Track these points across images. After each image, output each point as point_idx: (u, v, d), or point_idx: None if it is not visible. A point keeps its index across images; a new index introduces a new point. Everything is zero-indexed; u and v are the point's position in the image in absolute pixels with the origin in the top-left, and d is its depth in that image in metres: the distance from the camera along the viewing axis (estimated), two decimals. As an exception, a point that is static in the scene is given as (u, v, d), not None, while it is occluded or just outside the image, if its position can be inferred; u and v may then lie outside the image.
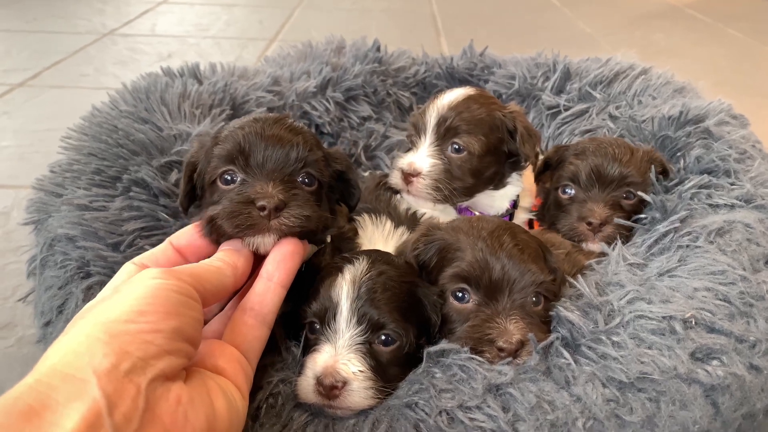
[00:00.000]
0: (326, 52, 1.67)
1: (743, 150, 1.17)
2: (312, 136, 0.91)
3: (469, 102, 1.18)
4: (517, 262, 0.85)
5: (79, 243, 0.98)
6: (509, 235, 0.88)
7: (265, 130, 0.84)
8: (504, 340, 0.80)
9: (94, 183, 1.05)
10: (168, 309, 0.61)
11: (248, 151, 0.82)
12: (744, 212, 1.04)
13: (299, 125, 0.90)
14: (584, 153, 1.19)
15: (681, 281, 0.90)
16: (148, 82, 1.35)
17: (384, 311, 0.81)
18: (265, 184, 0.80)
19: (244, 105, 1.46)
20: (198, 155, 0.90)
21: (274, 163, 0.82)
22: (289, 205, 0.79)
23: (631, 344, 0.79)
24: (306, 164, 0.84)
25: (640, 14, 4.05)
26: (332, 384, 0.76)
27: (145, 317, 0.59)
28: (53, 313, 0.97)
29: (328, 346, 0.80)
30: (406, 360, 0.83)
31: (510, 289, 0.84)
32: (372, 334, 0.80)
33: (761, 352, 0.83)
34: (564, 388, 0.76)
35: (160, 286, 0.63)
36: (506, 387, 0.75)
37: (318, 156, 0.86)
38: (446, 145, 1.17)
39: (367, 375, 0.78)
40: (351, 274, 0.83)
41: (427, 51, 1.87)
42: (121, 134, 1.14)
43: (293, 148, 0.83)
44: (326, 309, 0.81)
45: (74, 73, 2.68)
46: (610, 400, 0.75)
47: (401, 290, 0.84)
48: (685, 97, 1.39)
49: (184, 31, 3.36)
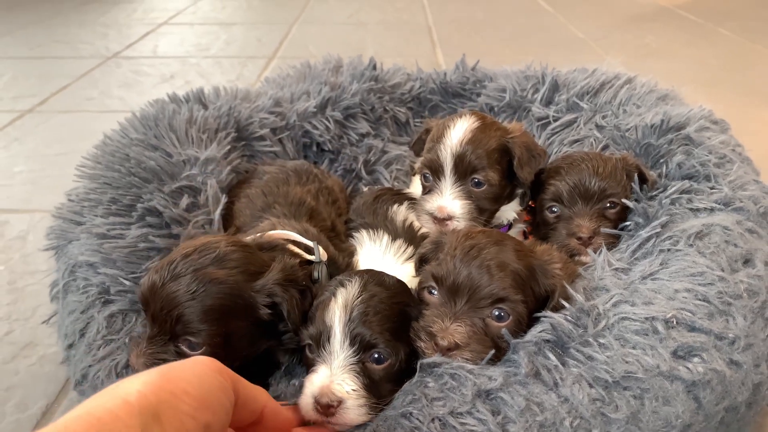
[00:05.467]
0: (324, 72, 1.74)
1: (723, 154, 1.21)
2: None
3: (478, 134, 1.20)
4: (485, 275, 0.89)
5: (99, 270, 1.04)
6: (494, 251, 0.91)
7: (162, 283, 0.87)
8: (441, 336, 0.86)
9: (111, 212, 1.12)
10: (209, 403, 0.62)
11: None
12: (722, 215, 1.08)
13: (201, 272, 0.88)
14: (560, 173, 1.23)
15: (663, 283, 0.94)
16: (156, 109, 1.42)
17: (375, 332, 0.86)
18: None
19: (248, 126, 1.52)
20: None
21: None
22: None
23: (616, 345, 0.83)
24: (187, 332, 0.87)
25: (631, 16, 4.09)
26: (328, 403, 0.82)
27: (189, 398, 0.60)
28: (76, 336, 1.03)
29: (323, 366, 0.86)
30: (398, 376, 0.88)
31: (469, 296, 0.89)
32: (364, 353, 0.86)
33: (740, 348, 0.87)
34: (552, 390, 0.80)
35: (211, 374, 0.65)
36: (496, 392, 0.79)
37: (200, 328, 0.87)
38: (467, 181, 1.19)
39: (360, 393, 0.83)
40: (343, 298, 0.88)
41: (423, 61, 1.93)
42: (133, 162, 1.21)
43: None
44: (321, 332, 0.87)
45: (80, 97, 2.76)
46: (596, 399, 0.79)
47: (391, 311, 0.89)
48: (668, 104, 1.44)
49: (185, 51, 3.43)
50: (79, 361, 1.00)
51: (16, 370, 1.25)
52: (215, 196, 1.23)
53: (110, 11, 4.34)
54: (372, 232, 1.22)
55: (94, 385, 0.96)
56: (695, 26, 3.83)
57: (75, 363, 1.02)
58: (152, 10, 4.43)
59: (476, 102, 1.78)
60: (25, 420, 1.14)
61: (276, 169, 1.38)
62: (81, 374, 0.99)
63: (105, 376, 0.95)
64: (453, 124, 1.22)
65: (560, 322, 0.86)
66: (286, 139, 1.58)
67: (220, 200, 1.23)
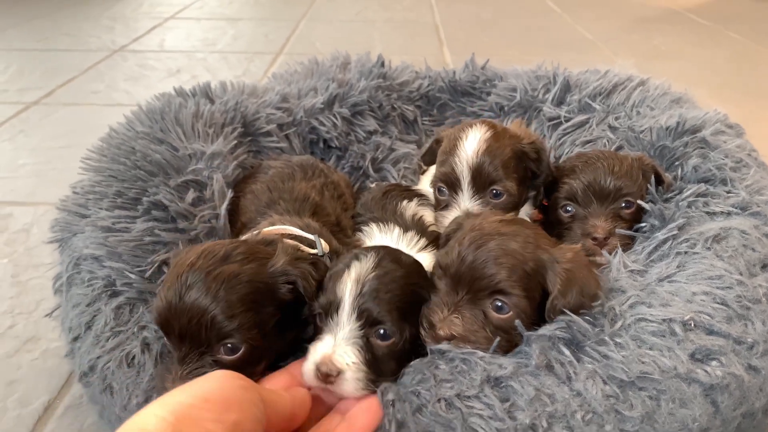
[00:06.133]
0: (332, 68, 1.72)
1: (739, 159, 1.20)
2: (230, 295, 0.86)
3: (493, 143, 1.18)
4: (486, 265, 0.87)
5: (105, 263, 1.03)
6: (500, 241, 0.89)
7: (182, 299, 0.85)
8: (439, 327, 0.87)
9: (116, 205, 1.10)
10: (233, 402, 0.64)
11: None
12: (740, 219, 1.07)
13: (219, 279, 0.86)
14: (574, 171, 1.21)
15: (680, 286, 0.93)
16: (162, 103, 1.40)
17: (383, 309, 0.86)
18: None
19: (255, 122, 1.50)
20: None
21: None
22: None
23: (633, 345, 0.83)
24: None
25: (639, 18, 4.08)
26: (327, 372, 0.83)
27: (210, 405, 0.62)
28: (81, 329, 1.01)
29: (329, 336, 0.87)
30: (401, 355, 0.89)
31: (470, 286, 0.88)
32: (369, 328, 0.86)
33: (759, 353, 0.87)
34: (565, 383, 0.80)
35: (230, 381, 0.67)
36: (506, 380, 0.80)
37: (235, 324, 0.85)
38: (486, 194, 1.18)
39: (360, 367, 0.84)
40: (356, 271, 0.89)
41: (430, 59, 1.92)
42: (139, 155, 1.19)
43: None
44: (330, 302, 0.88)
45: (86, 90, 2.75)
46: (609, 396, 0.78)
47: (403, 291, 0.89)
48: (682, 107, 1.42)
49: (192, 46, 3.42)
50: (86, 353, 0.99)
51: (18, 365, 1.24)
52: (221, 190, 1.21)
53: (117, 5, 4.33)
54: (382, 225, 1.21)
55: (104, 375, 0.95)
56: (703, 29, 3.81)
57: (81, 355, 1.01)
58: (159, 4, 4.42)
59: (486, 101, 1.76)
60: (26, 415, 1.13)
61: (281, 164, 1.36)
62: (88, 366, 0.98)
63: (116, 367, 0.94)
64: (465, 135, 1.20)
65: (576, 320, 0.85)
66: (293, 135, 1.56)
67: (226, 195, 1.21)
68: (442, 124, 1.81)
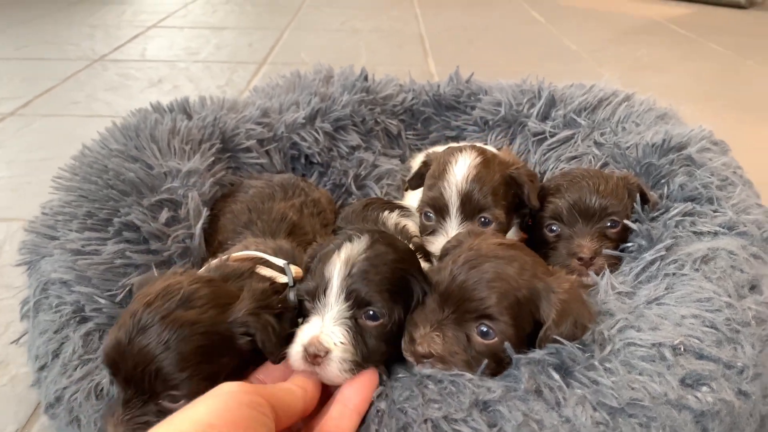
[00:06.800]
0: (314, 82, 1.69)
1: (725, 177, 1.20)
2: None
3: (482, 170, 1.17)
4: (476, 288, 0.85)
5: (73, 288, 1.00)
6: (494, 265, 0.87)
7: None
8: (419, 342, 0.85)
9: (86, 226, 1.07)
10: (237, 423, 0.62)
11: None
12: (727, 239, 1.06)
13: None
14: (559, 190, 1.20)
15: (669, 309, 0.92)
16: (138, 119, 1.37)
17: (372, 290, 0.85)
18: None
19: (234, 138, 1.47)
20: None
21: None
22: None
23: (623, 371, 0.81)
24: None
25: (623, 29, 4.10)
26: (315, 353, 0.81)
27: (213, 430, 0.60)
28: (48, 357, 0.98)
29: (316, 318, 0.85)
30: (390, 337, 0.87)
31: (457, 306, 0.86)
32: (358, 309, 0.85)
33: (749, 378, 0.86)
34: (554, 409, 0.78)
35: (234, 399, 0.66)
36: (495, 404, 0.78)
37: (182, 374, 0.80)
38: (474, 221, 1.16)
39: (347, 348, 0.83)
40: (347, 253, 0.87)
41: (415, 69, 1.90)
42: (112, 174, 1.16)
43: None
44: (318, 285, 0.86)
45: (65, 100, 2.69)
46: (599, 423, 0.77)
47: (393, 274, 0.88)
48: (667, 123, 1.42)
49: (174, 55, 3.37)
50: (53, 383, 0.95)
51: (-16, 392, 1.19)
52: (196, 209, 1.18)
53: (98, 12, 4.28)
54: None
55: (70, 407, 0.92)
56: (687, 41, 3.84)
57: (47, 385, 0.97)
58: (142, 12, 4.37)
59: (470, 115, 1.75)
60: (-9, 446, 1.08)
61: (262, 183, 1.33)
62: (54, 397, 0.94)
63: (83, 398, 0.91)
64: (455, 159, 1.19)
65: (565, 344, 0.83)
66: (274, 150, 1.53)
67: (201, 214, 1.18)
68: (426, 138, 1.80)
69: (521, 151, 1.61)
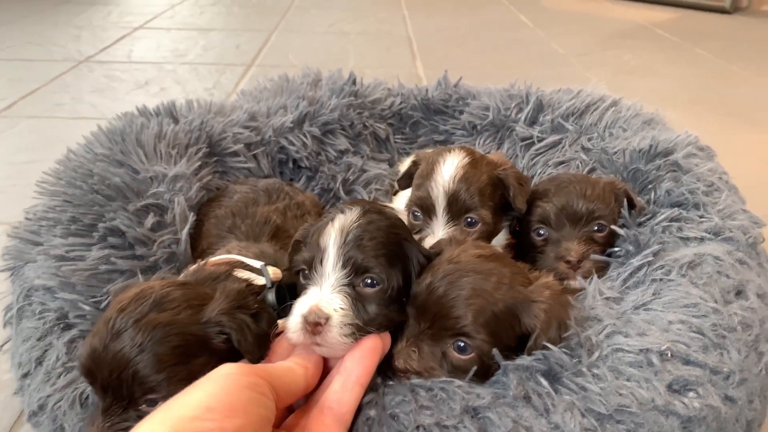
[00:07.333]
0: (302, 85, 1.68)
1: (711, 182, 1.20)
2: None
3: (470, 170, 1.16)
4: (453, 304, 0.84)
5: (57, 294, 0.98)
6: (472, 280, 0.86)
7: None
8: (396, 357, 0.85)
9: (70, 232, 1.05)
10: (235, 406, 0.62)
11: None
12: (713, 245, 1.07)
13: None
14: (547, 194, 1.21)
15: (656, 314, 0.93)
16: (124, 123, 1.35)
17: (369, 256, 0.85)
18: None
19: (221, 142, 1.46)
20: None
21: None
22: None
23: (611, 376, 0.81)
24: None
25: (610, 34, 4.13)
26: (315, 321, 0.80)
27: (211, 414, 0.60)
28: (32, 364, 0.96)
29: (314, 288, 0.85)
30: (390, 303, 0.87)
31: (433, 321, 0.85)
32: (356, 277, 0.85)
33: (735, 383, 0.86)
34: (543, 416, 0.78)
35: (233, 381, 0.65)
36: (484, 410, 0.77)
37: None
38: (460, 221, 1.16)
39: (347, 312, 0.82)
40: (340, 222, 0.87)
41: (403, 72, 1.90)
42: (97, 179, 1.14)
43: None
44: (314, 255, 0.86)
45: (50, 102, 2.66)
46: (588, 429, 0.77)
47: (388, 239, 0.88)
48: (654, 129, 1.42)
49: (161, 57, 3.35)
50: (36, 390, 0.94)
51: (-34, 400, 1.17)
52: (183, 214, 1.16)
53: (84, 13, 4.24)
54: None
55: (54, 416, 0.90)
56: (673, 45, 3.88)
57: (30, 393, 0.96)
58: (128, 13, 4.34)
59: (459, 120, 1.75)
60: (-28, 455, 1.06)
61: (247, 188, 1.32)
62: (38, 405, 0.93)
63: (68, 407, 0.89)
64: (443, 159, 1.19)
65: (553, 350, 0.83)
66: (261, 155, 1.52)
67: (187, 219, 1.17)
68: (414, 142, 1.79)
69: (509, 156, 1.61)
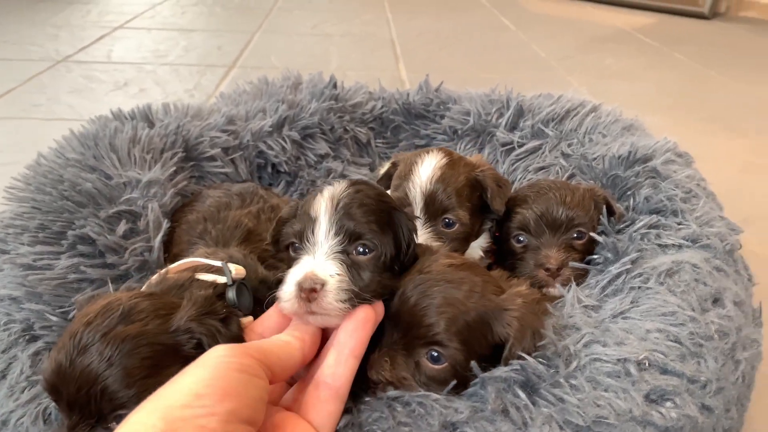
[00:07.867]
0: (282, 89, 1.66)
1: (689, 189, 1.21)
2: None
3: (448, 171, 1.16)
4: (425, 313, 0.84)
5: (23, 304, 0.96)
6: (443, 289, 0.85)
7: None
8: (369, 366, 0.84)
9: (38, 240, 1.03)
10: (226, 390, 0.61)
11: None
12: (691, 252, 1.07)
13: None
14: (527, 201, 1.20)
15: (634, 323, 0.92)
16: (97, 127, 1.32)
17: (361, 222, 0.85)
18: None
19: (197, 146, 1.43)
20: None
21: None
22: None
23: (588, 387, 0.81)
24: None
25: (591, 38, 4.16)
26: (311, 287, 0.79)
27: (202, 400, 0.59)
28: (-6, 378, 0.93)
29: (307, 256, 0.84)
30: (383, 269, 0.87)
31: (406, 331, 0.85)
32: (349, 244, 0.84)
33: (712, 392, 0.86)
34: (521, 429, 0.77)
35: (222, 365, 0.64)
36: (463, 425, 0.76)
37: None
38: (438, 222, 1.15)
39: (343, 278, 0.81)
40: (330, 192, 0.87)
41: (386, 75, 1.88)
42: (67, 185, 1.11)
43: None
44: (305, 226, 0.85)
45: (26, 103, 2.60)
46: None
47: (378, 207, 0.88)
48: (633, 135, 1.43)
49: (142, 57, 3.30)
50: (-1, 405, 0.91)
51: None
52: (156, 221, 1.14)
53: (63, 12, 4.16)
54: None
55: (17, 432, 0.87)
56: (652, 50, 3.92)
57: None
58: (108, 12, 4.27)
59: (440, 124, 1.74)
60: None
61: (221, 193, 1.30)
62: (0, 421, 0.89)
63: (30, 423, 0.86)
64: (421, 160, 1.18)
65: (530, 361, 0.82)
66: (239, 159, 1.49)
67: (161, 225, 1.14)
68: (395, 146, 1.78)
69: (490, 161, 1.60)
